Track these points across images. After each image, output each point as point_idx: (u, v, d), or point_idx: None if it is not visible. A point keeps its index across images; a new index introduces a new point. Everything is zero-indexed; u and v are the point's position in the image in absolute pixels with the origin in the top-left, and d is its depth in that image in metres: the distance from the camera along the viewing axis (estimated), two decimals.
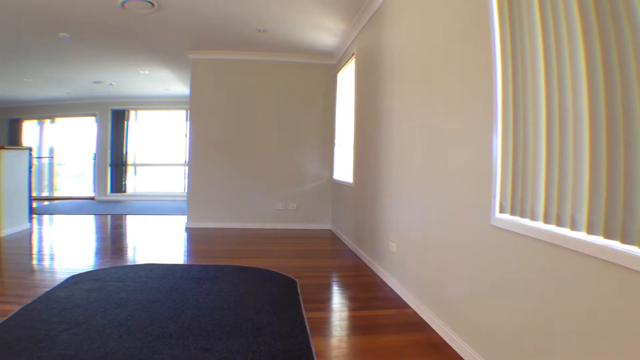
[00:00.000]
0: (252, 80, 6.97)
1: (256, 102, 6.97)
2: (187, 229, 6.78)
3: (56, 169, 12.24)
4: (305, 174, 7.04)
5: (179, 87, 9.78)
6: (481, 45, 2.30)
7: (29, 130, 12.16)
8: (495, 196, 2.14)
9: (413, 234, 3.31)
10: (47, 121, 12.02)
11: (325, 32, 5.77)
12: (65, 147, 12.26)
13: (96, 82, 9.29)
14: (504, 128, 2.07)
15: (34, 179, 7.51)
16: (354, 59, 5.58)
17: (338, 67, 6.74)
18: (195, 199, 6.96)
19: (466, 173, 2.46)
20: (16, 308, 3.09)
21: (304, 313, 3.04)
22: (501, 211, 2.10)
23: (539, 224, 1.81)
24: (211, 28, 5.67)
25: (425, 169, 3.07)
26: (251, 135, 6.96)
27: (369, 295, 3.58)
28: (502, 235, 2.08)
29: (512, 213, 2.01)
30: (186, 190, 8.39)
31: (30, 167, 6.77)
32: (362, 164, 5.02)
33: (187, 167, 8.93)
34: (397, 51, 3.85)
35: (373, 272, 4.26)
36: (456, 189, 2.59)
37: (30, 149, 6.84)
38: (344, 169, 6.23)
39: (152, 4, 4.71)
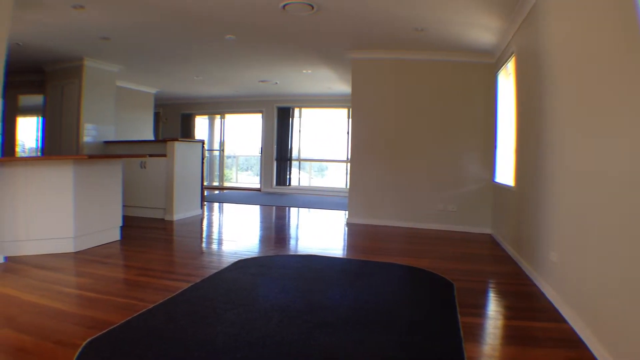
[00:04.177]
0: (410, 79, 7.01)
1: (414, 101, 7.00)
2: (347, 224, 7.06)
3: (225, 161, 13.82)
4: (465, 175, 6.88)
5: (341, 85, 10.15)
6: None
7: (200, 125, 13.91)
8: None
9: (572, 243, 3.18)
10: (217, 117, 13.64)
11: (482, 30, 5.61)
12: (234, 141, 13.78)
13: (262, 81, 10.18)
14: None
15: (205, 170, 8.64)
16: (513, 58, 5.33)
17: (497, 66, 6.45)
18: (355, 195, 7.21)
19: (626, 181, 2.35)
20: (185, 285, 3.51)
21: (458, 317, 3.06)
22: None
23: None
24: (369, 28, 5.81)
25: (586, 174, 2.96)
26: (410, 134, 7.00)
27: (525, 305, 3.52)
28: None
29: None
30: (347, 186, 8.84)
31: (202, 159, 7.67)
32: (523, 167, 4.81)
33: (348, 164, 9.54)
34: (556, 49, 3.71)
35: (531, 281, 4.08)
36: (615, 198, 2.48)
37: (202, 142, 7.75)
38: (505, 171, 5.97)
39: (312, 6, 4.99)
